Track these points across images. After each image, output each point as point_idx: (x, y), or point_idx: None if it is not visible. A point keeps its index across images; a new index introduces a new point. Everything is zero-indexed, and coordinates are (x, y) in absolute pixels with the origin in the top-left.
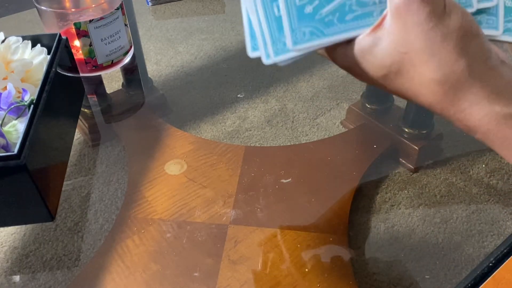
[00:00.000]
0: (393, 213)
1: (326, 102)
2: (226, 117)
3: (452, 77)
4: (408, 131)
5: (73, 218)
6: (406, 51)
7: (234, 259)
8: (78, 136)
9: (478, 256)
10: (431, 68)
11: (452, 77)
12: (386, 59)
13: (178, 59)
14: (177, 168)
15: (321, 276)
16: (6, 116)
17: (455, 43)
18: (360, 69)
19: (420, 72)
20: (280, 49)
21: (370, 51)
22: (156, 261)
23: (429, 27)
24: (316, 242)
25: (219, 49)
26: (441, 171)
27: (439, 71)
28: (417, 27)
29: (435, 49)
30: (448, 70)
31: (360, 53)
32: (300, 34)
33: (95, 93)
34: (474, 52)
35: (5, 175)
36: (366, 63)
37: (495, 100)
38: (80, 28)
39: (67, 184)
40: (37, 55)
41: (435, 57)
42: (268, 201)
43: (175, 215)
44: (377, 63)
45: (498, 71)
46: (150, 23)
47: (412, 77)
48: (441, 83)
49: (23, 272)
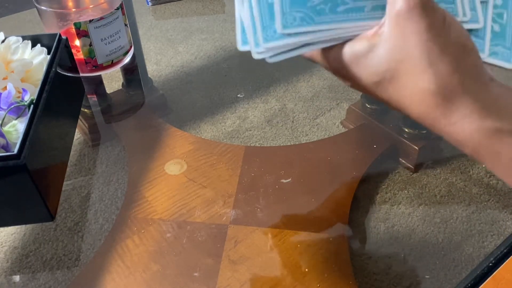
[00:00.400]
0: (393, 213)
1: (326, 102)
2: (226, 117)
3: (447, 89)
4: (408, 131)
5: (73, 218)
6: (402, 59)
7: (234, 259)
8: (78, 136)
9: (478, 256)
10: (427, 79)
11: (447, 89)
12: (381, 65)
13: (178, 59)
14: (177, 168)
15: (321, 276)
16: (6, 116)
17: (452, 56)
18: (352, 74)
19: (415, 81)
20: (270, 35)
21: (365, 56)
22: (156, 261)
23: (428, 38)
24: (316, 242)
25: (219, 49)
26: (441, 171)
27: (434, 82)
28: (416, 36)
29: (432, 60)
30: (443, 82)
31: (354, 57)
32: (291, 18)
33: (95, 93)
34: (469, 67)
35: (5, 175)
36: (359, 68)
37: (486, 114)
38: (80, 28)
39: (67, 184)
40: (37, 55)
41: (432, 68)
42: (268, 201)
43: (175, 215)
44: (371, 69)
45: (488, 87)
46: (150, 23)
47: (406, 86)
48: (435, 94)
49: (23, 272)
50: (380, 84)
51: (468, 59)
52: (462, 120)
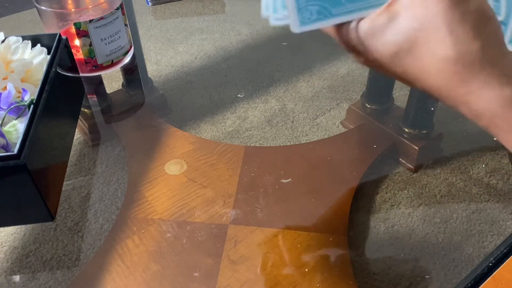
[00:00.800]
0: (393, 213)
1: (326, 102)
2: (226, 117)
3: (467, 56)
4: (408, 131)
5: (73, 218)
6: (422, 28)
7: (234, 259)
8: (78, 136)
9: (478, 256)
10: (447, 45)
11: (467, 56)
12: (399, 35)
13: (178, 59)
14: (177, 168)
15: (321, 276)
16: (6, 116)
17: (473, 23)
18: (368, 48)
19: (434, 49)
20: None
21: (383, 28)
22: (156, 261)
23: (449, 5)
24: (316, 242)
25: (219, 49)
26: (441, 171)
27: (454, 49)
28: (437, 4)
29: (453, 27)
30: (464, 49)
31: (372, 30)
32: (307, 13)
33: (95, 93)
34: (489, 35)
35: (5, 175)
36: (377, 41)
37: (505, 83)
38: (80, 28)
39: (67, 184)
40: (37, 55)
41: (452, 35)
42: (268, 201)
43: (175, 215)
44: (389, 39)
45: (508, 57)
46: (150, 23)
47: (424, 56)
48: (455, 61)
49: (23, 272)
50: (397, 56)
51: (489, 27)
52: (480, 89)
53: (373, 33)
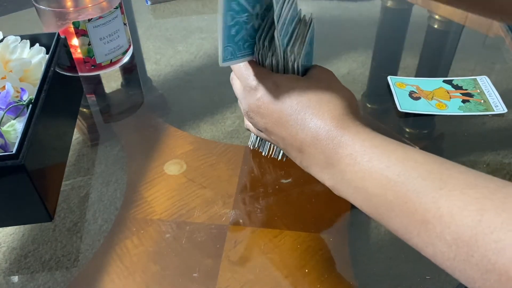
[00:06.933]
0: None
1: None
2: (226, 117)
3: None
4: (408, 131)
5: (72, 218)
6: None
7: (234, 259)
8: (77, 136)
9: None
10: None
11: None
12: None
13: (178, 59)
14: (176, 168)
15: (321, 277)
16: (5, 115)
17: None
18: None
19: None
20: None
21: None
22: (155, 262)
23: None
24: (316, 242)
25: None
26: None
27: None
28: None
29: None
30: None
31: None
32: (227, 52)
33: (94, 92)
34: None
35: (4, 175)
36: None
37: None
38: (78, 27)
39: (66, 184)
40: (35, 54)
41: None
42: (268, 201)
43: (175, 216)
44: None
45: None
46: (149, 22)
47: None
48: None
49: (21, 272)
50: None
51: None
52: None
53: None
